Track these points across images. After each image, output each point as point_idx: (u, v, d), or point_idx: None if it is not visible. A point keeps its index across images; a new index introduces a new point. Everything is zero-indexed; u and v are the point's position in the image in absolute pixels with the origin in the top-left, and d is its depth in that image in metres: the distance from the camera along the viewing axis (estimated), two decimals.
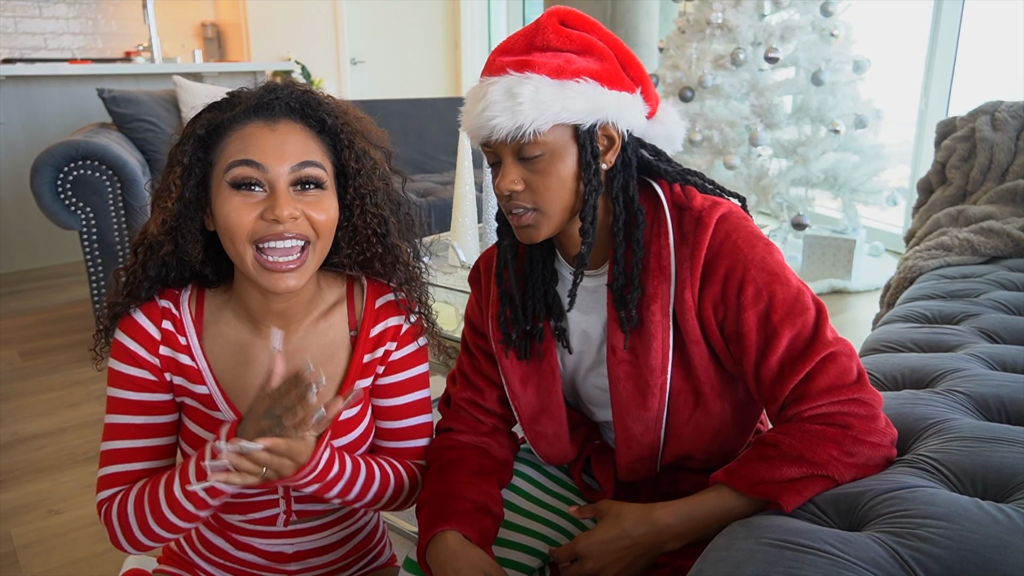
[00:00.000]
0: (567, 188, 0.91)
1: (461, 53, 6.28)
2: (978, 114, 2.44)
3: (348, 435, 1.01)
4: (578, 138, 0.90)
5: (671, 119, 0.99)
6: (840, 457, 0.83)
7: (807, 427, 0.85)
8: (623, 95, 0.91)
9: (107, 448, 0.96)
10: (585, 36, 0.91)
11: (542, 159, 0.89)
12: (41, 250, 4.15)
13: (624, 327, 0.95)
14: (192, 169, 0.89)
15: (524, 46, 0.91)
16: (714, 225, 0.91)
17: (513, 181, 0.90)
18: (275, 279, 0.88)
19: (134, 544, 0.93)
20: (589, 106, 0.88)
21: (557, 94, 0.87)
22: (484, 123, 0.89)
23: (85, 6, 5.30)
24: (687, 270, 0.92)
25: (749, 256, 0.89)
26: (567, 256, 1.02)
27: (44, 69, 4.03)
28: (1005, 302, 1.67)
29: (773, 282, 0.89)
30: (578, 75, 0.88)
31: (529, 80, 0.87)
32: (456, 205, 1.82)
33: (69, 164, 2.82)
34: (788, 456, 0.84)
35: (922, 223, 2.38)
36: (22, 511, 1.88)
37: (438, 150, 3.99)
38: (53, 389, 2.60)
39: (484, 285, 1.08)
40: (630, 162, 0.95)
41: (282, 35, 5.56)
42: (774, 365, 0.88)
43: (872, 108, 3.54)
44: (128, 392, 0.95)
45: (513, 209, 0.93)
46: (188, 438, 0.98)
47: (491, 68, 0.91)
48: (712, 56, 3.56)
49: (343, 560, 1.11)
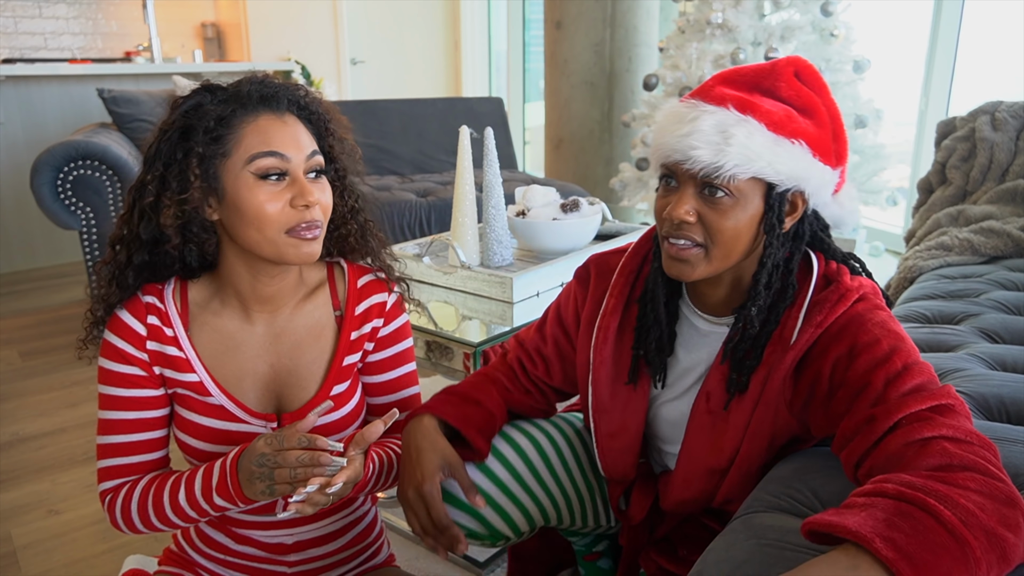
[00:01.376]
0: (740, 238, 0.88)
1: (461, 53, 6.28)
2: (978, 114, 2.44)
3: (338, 411, 1.05)
4: (768, 196, 0.88)
5: (850, 204, 0.96)
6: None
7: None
8: (826, 169, 0.89)
9: (103, 442, 1.00)
10: (812, 96, 0.89)
11: (725, 201, 0.86)
12: (41, 250, 4.15)
13: (731, 389, 0.93)
14: (210, 159, 0.91)
15: (749, 84, 0.89)
16: (851, 302, 0.89)
17: (688, 212, 0.87)
18: (300, 248, 0.93)
19: (134, 531, 1.01)
20: (794, 171, 0.86)
21: (769, 148, 0.85)
22: (683, 148, 0.86)
23: (85, 6, 5.30)
24: (806, 335, 0.89)
25: (877, 331, 0.85)
26: (697, 299, 1.00)
27: (44, 69, 4.03)
28: (1005, 302, 1.67)
29: (900, 348, 0.83)
30: (795, 136, 0.86)
31: (747, 123, 0.84)
32: (456, 205, 1.82)
33: (69, 164, 2.82)
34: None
35: (922, 223, 2.38)
36: (22, 511, 1.88)
37: (438, 150, 3.99)
38: (53, 389, 2.60)
39: (594, 292, 1.07)
40: (803, 235, 0.93)
41: (282, 35, 5.55)
42: (894, 398, 0.79)
43: (872, 108, 3.54)
44: (119, 389, 0.99)
45: (678, 238, 0.89)
46: (182, 425, 1.01)
47: (707, 95, 0.88)
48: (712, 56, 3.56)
49: (342, 551, 1.12)
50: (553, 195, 1.95)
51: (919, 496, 0.66)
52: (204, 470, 0.95)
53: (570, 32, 4.06)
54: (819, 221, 0.96)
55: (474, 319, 1.64)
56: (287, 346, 1.03)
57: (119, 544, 1.74)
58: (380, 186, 3.51)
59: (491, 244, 1.84)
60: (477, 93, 6.30)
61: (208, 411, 1.00)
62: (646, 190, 3.75)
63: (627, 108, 4.11)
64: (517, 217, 1.89)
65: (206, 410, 1.00)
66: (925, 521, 0.64)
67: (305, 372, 1.04)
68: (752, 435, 0.93)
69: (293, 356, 1.03)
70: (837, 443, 0.83)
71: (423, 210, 3.19)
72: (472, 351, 1.48)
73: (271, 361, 1.03)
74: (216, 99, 0.93)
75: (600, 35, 4.02)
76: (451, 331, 1.55)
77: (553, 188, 1.98)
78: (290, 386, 1.03)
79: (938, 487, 0.67)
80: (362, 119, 3.81)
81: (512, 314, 1.63)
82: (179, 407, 1.02)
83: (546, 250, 1.91)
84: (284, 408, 1.04)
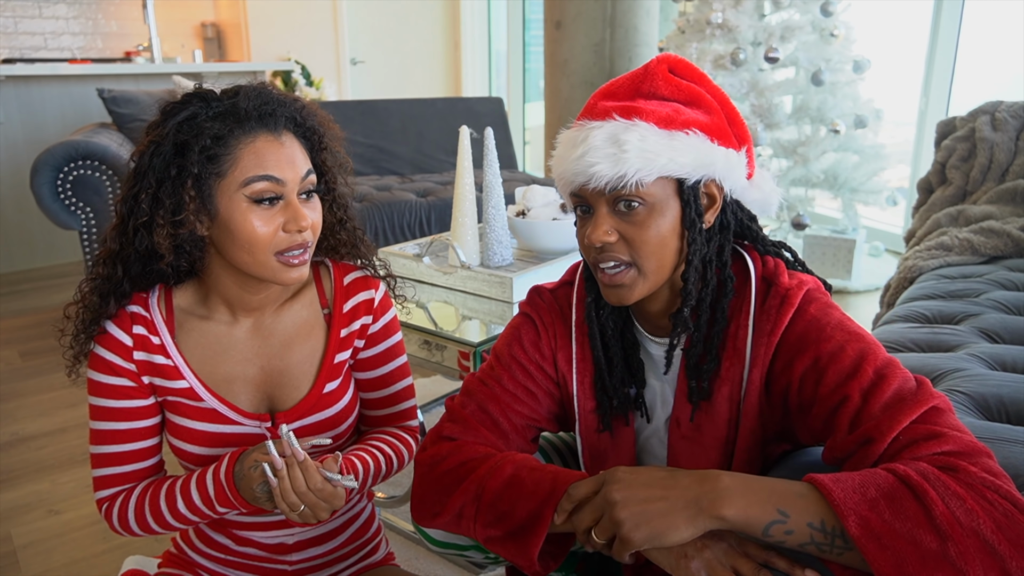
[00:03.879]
0: (666, 245, 0.86)
1: (461, 53, 6.28)
2: (978, 114, 2.44)
3: (331, 408, 1.05)
4: (681, 193, 0.85)
5: (768, 184, 0.94)
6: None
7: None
8: (730, 152, 0.87)
9: (96, 452, 1.00)
10: (694, 87, 0.88)
11: (640, 211, 0.84)
12: (41, 250, 4.14)
13: (693, 398, 0.91)
14: (205, 179, 0.90)
15: (629, 92, 0.87)
16: (798, 304, 0.86)
17: (607, 232, 0.85)
18: (289, 272, 0.94)
19: (134, 536, 1.02)
20: (697, 160, 0.84)
21: (665, 144, 0.83)
22: (583, 169, 0.84)
23: (85, 6, 5.30)
24: (761, 347, 0.87)
25: (837, 336, 0.83)
26: (646, 323, 0.97)
27: (44, 69, 4.03)
28: (1005, 302, 1.67)
29: (867, 353, 0.81)
30: (687, 126, 0.84)
31: (636, 127, 0.83)
32: (456, 205, 1.82)
33: (69, 164, 2.81)
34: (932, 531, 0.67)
35: (922, 223, 2.38)
36: (22, 511, 1.88)
37: (438, 150, 3.99)
38: (53, 389, 2.60)
39: (549, 326, 1.00)
40: (728, 224, 0.91)
41: (282, 35, 5.55)
42: (877, 411, 0.77)
43: (872, 108, 3.54)
44: (109, 400, 0.98)
45: (606, 264, 0.87)
46: (175, 431, 1.01)
47: (592, 112, 0.87)
48: (712, 56, 3.56)
49: (342, 549, 1.13)
50: (553, 195, 1.95)
51: (913, 480, 0.69)
52: (198, 480, 0.96)
53: (570, 32, 4.06)
54: (743, 211, 0.93)
55: (474, 319, 1.64)
56: (276, 346, 1.04)
57: (119, 544, 1.74)
58: (380, 186, 3.51)
59: (491, 244, 1.84)
60: (477, 93, 6.30)
61: (201, 416, 1.00)
62: None
63: None
64: (517, 217, 1.89)
65: (198, 415, 1.00)
66: (908, 508, 0.68)
67: (297, 371, 1.04)
68: (743, 436, 0.90)
69: (283, 356, 1.04)
70: (829, 458, 0.82)
71: (423, 210, 3.19)
72: (471, 351, 1.48)
73: (261, 363, 1.03)
74: (212, 112, 0.90)
75: (600, 35, 4.02)
76: (451, 331, 1.55)
77: (553, 188, 1.98)
78: (282, 386, 1.04)
79: (952, 484, 0.68)
80: (362, 119, 3.81)
81: (512, 314, 1.63)
82: (171, 414, 1.01)
83: (546, 250, 1.91)
84: (277, 407, 1.04)
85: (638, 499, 0.75)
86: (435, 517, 0.92)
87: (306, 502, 0.89)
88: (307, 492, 0.88)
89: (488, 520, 0.87)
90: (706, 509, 0.73)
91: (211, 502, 0.95)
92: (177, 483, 0.98)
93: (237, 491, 0.93)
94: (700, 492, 0.74)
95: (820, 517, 0.70)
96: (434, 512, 0.92)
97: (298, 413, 1.03)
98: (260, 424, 1.02)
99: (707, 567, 0.75)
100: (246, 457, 0.93)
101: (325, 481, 0.89)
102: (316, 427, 1.04)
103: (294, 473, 0.88)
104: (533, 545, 0.84)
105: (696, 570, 0.75)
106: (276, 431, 1.02)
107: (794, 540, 0.72)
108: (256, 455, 0.92)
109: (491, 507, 0.87)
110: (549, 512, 0.83)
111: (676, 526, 0.73)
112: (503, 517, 0.86)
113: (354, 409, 1.09)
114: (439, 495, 0.92)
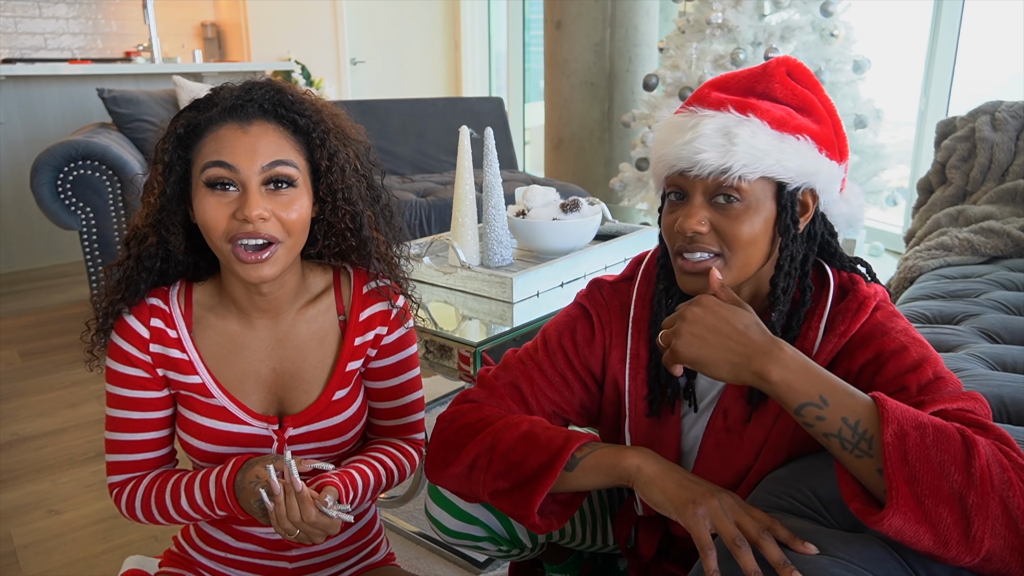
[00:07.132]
0: (756, 244, 0.86)
1: (461, 53, 6.28)
2: (978, 114, 2.44)
3: (339, 415, 1.05)
4: (780, 197, 0.86)
5: (857, 199, 0.94)
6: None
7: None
8: (833, 164, 0.88)
9: (110, 438, 1.02)
10: (808, 94, 0.88)
11: (736, 206, 0.84)
12: (41, 250, 4.14)
13: (752, 400, 0.90)
14: (173, 166, 0.94)
15: (743, 88, 0.88)
16: (871, 310, 0.87)
17: (700, 222, 0.85)
18: (249, 269, 0.92)
19: (139, 522, 1.03)
20: (803, 167, 0.84)
21: (774, 146, 0.83)
22: (689, 155, 0.83)
23: (85, 6, 5.30)
24: (829, 344, 0.87)
25: (902, 338, 0.84)
26: None
27: (44, 69, 4.03)
28: (1005, 302, 1.67)
29: (928, 357, 0.83)
30: (799, 132, 0.84)
31: (749, 123, 0.83)
32: (456, 205, 1.82)
33: (69, 164, 2.81)
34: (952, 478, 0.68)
35: (922, 223, 2.38)
36: (22, 511, 1.88)
37: (438, 150, 3.99)
38: (53, 389, 2.60)
39: (607, 324, 1.01)
40: (816, 235, 0.91)
41: (282, 35, 5.55)
42: (930, 402, 0.78)
43: (872, 108, 3.53)
44: (124, 389, 1.00)
45: (692, 252, 0.86)
46: (185, 426, 1.02)
47: (704, 101, 0.87)
48: (712, 56, 3.55)
49: (342, 548, 1.13)
50: (553, 195, 1.95)
51: (968, 433, 0.70)
52: (202, 480, 0.97)
53: (570, 32, 4.06)
54: (827, 225, 0.94)
55: (474, 319, 1.64)
56: (290, 350, 1.04)
57: (119, 544, 1.74)
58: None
59: (491, 244, 1.84)
60: (477, 93, 6.29)
61: (210, 412, 1.01)
62: (646, 190, 3.75)
63: (627, 108, 4.11)
64: (517, 217, 1.89)
65: (208, 411, 1.01)
66: (953, 446, 0.68)
67: (308, 376, 1.04)
68: (769, 450, 0.90)
69: (296, 360, 1.04)
70: None
71: (423, 210, 3.19)
72: (472, 351, 1.48)
73: (273, 364, 1.03)
74: (196, 107, 0.95)
75: (600, 35, 4.02)
76: (451, 331, 1.55)
77: (553, 188, 1.98)
78: (292, 389, 1.04)
79: (1000, 456, 0.69)
80: (362, 119, 3.73)
81: (512, 314, 1.63)
82: (182, 408, 1.02)
83: (546, 250, 1.91)
84: (286, 411, 1.04)
85: (706, 325, 0.79)
86: (447, 467, 0.94)
87: (301, 529, 0.89)
88: (301, 522, 0.88)
89: (499, 470, 0.89)
90: (754, 363, 0.77)
91: (211, 504, 0.96)
92: (183, 479, 0.99)
93: (236, 500, 0.94)
94: (757, 348, 0.77)
95: (857, 418, 0.72)
96: (447, 462, 0.94)
97: (306, 418, 1.03)
98: (267, 426, 1.02)
99: (713, 515, 0.77)
100: (248, 468, 0.93)
101: (320, 514, 0.88)
102: (322, 433, 1.04)
103: (290, 502, 0.87)
104: (537, 494, 0.85)
105: (702, 516, 0.77)
106: (283, 436, 1.03)
107: (820, 428, 0.74)
108: (258, 469, 0.92)
109: (504, 458, 0.88)
110: (559, 464, 0.85)
111: (719, 364, 0.78)
112: (514, 468, 0.88)
113: (362, 418, 1.09)
114: (455, 447, 0.94)
